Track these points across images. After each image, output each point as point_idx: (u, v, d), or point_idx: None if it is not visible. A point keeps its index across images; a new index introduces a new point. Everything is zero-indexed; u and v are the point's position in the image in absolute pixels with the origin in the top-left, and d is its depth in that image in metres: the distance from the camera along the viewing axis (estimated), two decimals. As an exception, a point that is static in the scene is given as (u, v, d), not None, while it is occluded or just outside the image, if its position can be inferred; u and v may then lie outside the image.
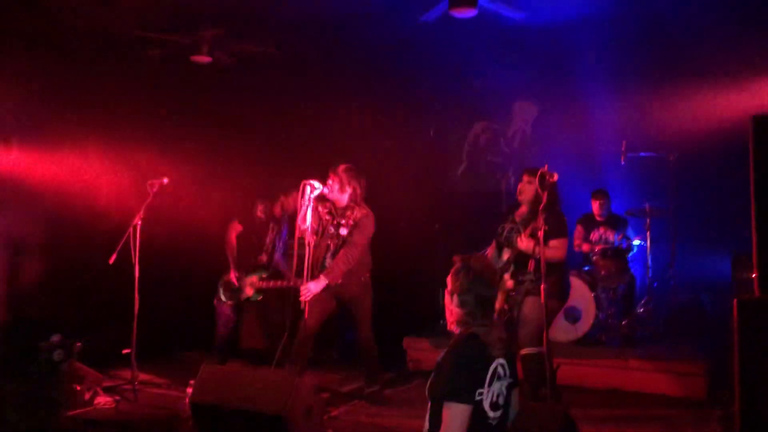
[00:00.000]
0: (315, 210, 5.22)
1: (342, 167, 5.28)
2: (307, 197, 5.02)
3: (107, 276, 5.67)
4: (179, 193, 6.23)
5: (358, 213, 5.32)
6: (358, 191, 5.30)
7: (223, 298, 5.99)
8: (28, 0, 5.88)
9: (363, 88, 8.10)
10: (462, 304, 2.76)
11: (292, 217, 5.91)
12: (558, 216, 4.90)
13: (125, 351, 5.59)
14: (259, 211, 6.11)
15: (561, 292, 4.99)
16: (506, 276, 4.92)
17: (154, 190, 5.55)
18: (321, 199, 5.29)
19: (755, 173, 3.14)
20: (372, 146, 7.99)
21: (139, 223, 5.40)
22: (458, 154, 9.02)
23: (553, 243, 4.78)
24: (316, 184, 5.07)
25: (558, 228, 4.85)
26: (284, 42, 7.05)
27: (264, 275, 5.97)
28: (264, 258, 6.07)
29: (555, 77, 7.77)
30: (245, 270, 5.99)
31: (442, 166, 8.99)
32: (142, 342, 5.51)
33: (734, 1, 6.08)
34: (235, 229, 6.07)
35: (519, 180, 5.04)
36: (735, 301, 3.08)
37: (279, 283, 5.86)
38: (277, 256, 6.14)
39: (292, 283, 5.55)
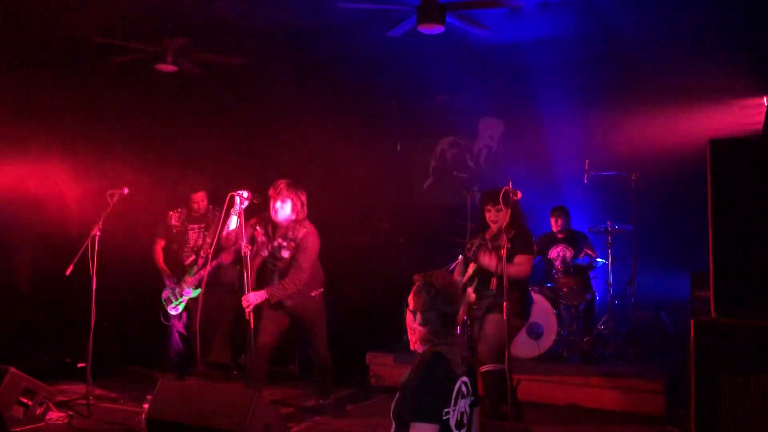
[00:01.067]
0: (248, 226, 5.09)
1: (283, 183, 5.12)
2: (236, 207, 4.92)
3: (63, 287, 5.53)
4: (134, 203, 6.11)
5: (299, 232, 5.17)
6: (300, 206, 5.16)
7: (171, 312, 5.99)
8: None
9: (329, 100, 8.08)
10: (425, 322, 2.74)
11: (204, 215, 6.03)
12: (525, 233, 4.92)
13: (80, 365, 5.42)
14: (174, 219, 6.09)
15: (523, 309, 4.99)
16: (470, 290, 4.92)
17: (114, 200, 5.44)
18: (262, 219, 5.19)
19: (712, 194, 3.19)
20: (337, 159, 7.97)
21: (98, 233, 5.28)
22: (425, 169, 9.05)
23: (518, 259, 4.79)
24: (245, 194, 4.95)
25: (524, 244, 4.86)
26: (251, 52, 7.00)
27: (194, 270, 5.99)
28: (192, 258, 6.04)
29: (519, 95, 7.87)
30: (177, 277, 6.00)
31: (408, 181, 9.00)
32: (97, 356, 5.37)
33: (694, 26, 6.23)
34: (159, 244, 6.10)
35: (483, 210, 5.01)
36: (692, 321, 3.12)
37: (213, 263, 5.76)
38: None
39: (224, 258, 5.73)
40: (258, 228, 5.22)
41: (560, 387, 5.93)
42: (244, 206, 4.95)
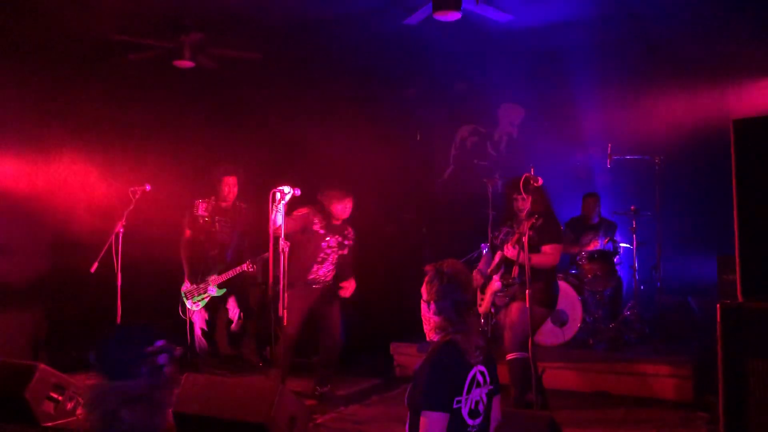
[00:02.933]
0: (301, 219, 5.31)
1: (346, 189, 5.50)
2: (277, 203, 4.99)
3: (88, 284, 5.61)
4: (159, 198, 6.17)
5: (351, 231, 5.62)
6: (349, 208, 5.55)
7: (190, 306, 5.98)
8: (6, 5, 5.81)
9: (347, 92, 8.07)
10: (440, 311, 2.73)
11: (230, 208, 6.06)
12: (554, 221, 4.87)
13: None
14: (201, 209, 6.08)
15: (549, 298, 4.95)
16: (495, 278, 4.89)
17: (137, 196, 5.50)
18: (319, 210, 5.41)
19: (736, 176, 3.14)
20: (358, 150, 7.96)
21: (122, 230, 5.34)
22: (445, 158, 9.00)
23: (546, 249, 4.76)
24: (286, 189, 5.02)
25: (553, 234, 4.82)
26: (267, 46, 7.00)
27: (221, 268, 5.95)
28: (215, 252, 6.04)
29: (540, 80, 7.77)
30: (202, 273, 5.96)
31: (429, 170, 8.96)
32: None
33: (717, 5, 6.09)
34: (186, 235, 6.08)
35: (510, 200, 4.96)
36: (718, 306, 3.07)
37: (237, 269, 5.84)
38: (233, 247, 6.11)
39: (246, 266, 5.69)
40: (315, 220, 5.42)
41: (586, 374, 5.89)
42: (286, 200, 5.01)
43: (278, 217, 5.00)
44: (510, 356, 4.79)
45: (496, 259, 5.00)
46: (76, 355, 6.17)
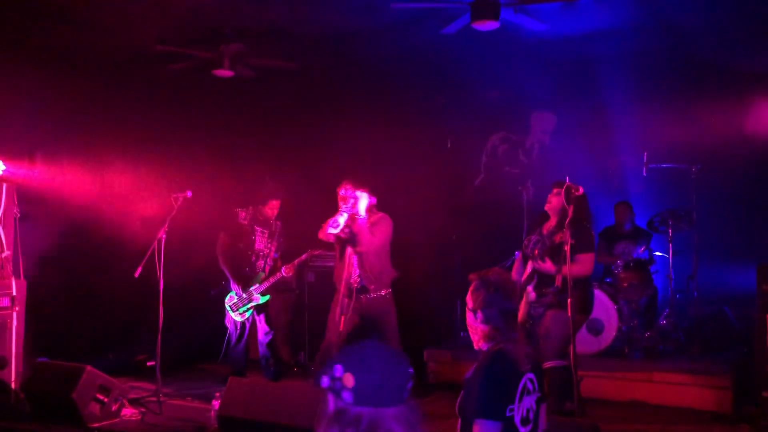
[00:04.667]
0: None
1: (353, 179, 5.27)
2: (349, 206, 5.04)
3: (132, 289, 5.72)
4: (201, 205, 6.28)
5: (372, 218, 5.33)
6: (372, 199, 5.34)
7: (237, 318, 6.01)
8: (52, 16, 5.97)
9: (380, 99, 8.14)
10: (487, 320, 2.76)
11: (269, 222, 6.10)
12: (586, 231, 4.88)
13: (150, 363, 5.61)
14: (241, 218, 6.13)
15: (586, 304, 4.96)
16: (529, 288, 4.90)
17: (179, 203, 5.60)
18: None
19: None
20: (390, 158, 8.01)
21: (164, 236, 5.45)
22: (476, 165, 9.02)
23: (580, 257, 4.76)
24: (362, 194, 5.09)
25: (585, 243, 4.83)
26: (305, 56, 7.10)
27: (263, 277, 6.04)
28: (261, 264, 6.10)
29: (574, 88, 7.76)
30: (245, 283, 6.02)
31: (460, 177, 8.99)
32: (166, 353, 5.54)
33: (757, 15, 6.05)
34: (224, 240, 6.10)
35: (548, 192, 5.01)
36: (766, 316, 3.06)
37: (277, 275, 5.95)
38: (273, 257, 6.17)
39: (285, 271, 5.83)
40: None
41: (622, 383, 5.87)
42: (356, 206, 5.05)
43: (341, 218, 5.01)
44: (549, 364, 4.78)
45: (528, 268, 5.00)
46: (119, 357, 6.28)
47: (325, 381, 1.87)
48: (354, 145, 8.01)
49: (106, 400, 5.06)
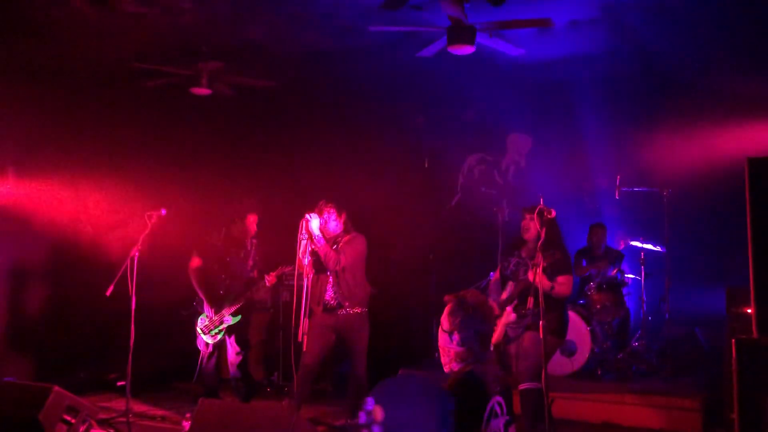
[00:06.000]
0: (308, 245, 5.25)
1: (325, 202, 5.43)
2: (304, 231, 5.08)
3: (101, 307, 5.64)
4: (175, 224, 6.23)
5: (344, 238, 5.45)
6: (346, 219, 5.48)
7: (209, 340, 5.93)
8: (28, 31, 5.93)
9: (358, 119, 8.18)
10: (463, 342, 2.77)
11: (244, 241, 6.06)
12: (563, 252, 4.94)
13: (120, 383, 5.52)
14: (215, 238, 6.08)
15: (561, 328, 5.01)
16: (509, 309, 4.88)
17: (152, 221, 5.53)
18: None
19: (751, 214, 3.19)
20: (367, 178, 8.04)
21: (137, 254, 5.38)
22: (453, 186, 9.08)
23: (560, 279, 4.81)
24: (313, 216, 5.16)
25: (564, 265, 4.89)
26: (283, 75, 7.12)
27: (233, 297, 5.97)
28: (235, 284, 6.03)
29: (550, 111, 7.88)
30: (218, 305, 5.95)
31: (437, 197, 9.04)
32: (137, 372, 5.46)
33: (730, 42, 6.21)
34: (195, 262, 6.03)
35: (521, 218, 5.05)
36: (733, 341, 3.11)
37: (247, 295, 5.92)
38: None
39: (268, 281, 5.82)
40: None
41: (594, 404, 5.89)
42: (311, 228, 5.12)
43: (302, 244, 5.10)
44: (524, 386, 4.81)
45: (509, 289, 5.02)
46: (90, 376, 6.17)
47: (361, 417, 1.79)
48: (331, 165, 8.03)
49: (73, 421, 4.93)
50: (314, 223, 5.19)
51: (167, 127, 7.45)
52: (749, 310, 3.27)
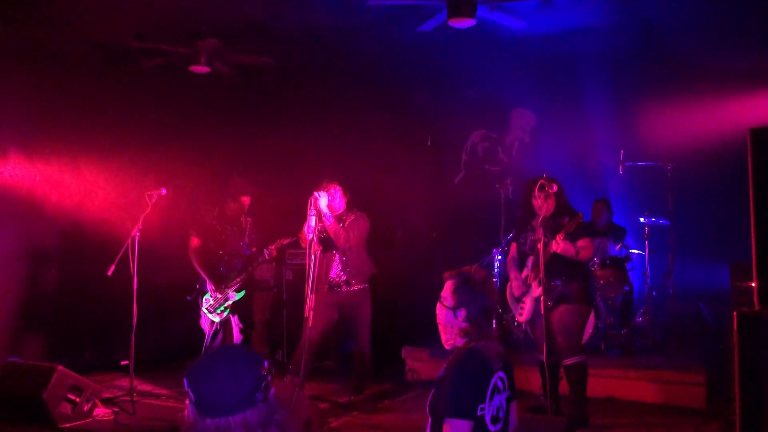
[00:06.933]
0: (317, 222, 5.31)
1: (330, 180, 5.49)
2: (313, 209, 5.13)
3: (105, 287, 5.66)
4: (176, 202, 6.23)
5: (350, 217, 5.58)
6: (350, 198, 5.58)
7: (215, 318, 5.91)
8: (27, 12, 5.89)
9: (359, 97, 8.12)
10: (469, 318, 2.75)
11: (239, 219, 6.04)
12: (579, 218, 4.90)
13: (123, 362, 5.55)
14: (209, 216, 6.05)
15: (588, 294, 5.02)
16: (534, 284, 4.86)
17: (153, 200, 5.53)
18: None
19: (754, 185, 3.15)
20: (370, 155, 8.00)
21: (138, 234, 5.39)
22: (456, 163, 9.03)
23: (580, 243, 4.80)
24: (322, 194, 5.25)
25: (583, 228, 4.88)
26: (282, 52, 7.06)
27: (235, 274, 5.96)
28: (235, 261, 6.02)
29: (553, 86, 7.79)
30: (220, 282, 5.93)
31: (440, 175, 9.00)
32: (141, 352, 5.49)
33: (733, 15, 6.11)
34: (195, 242, 6.00)
35: (530, 195, 4.96)
36: (735, 313, 3.09)
37: (249, 270, 5.92)
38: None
39: (268, 254, 5.80)
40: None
41: (598, 380, 5.86)
42: (320, 205, 5.20)
43: (312, 221, 5.13)
44: (568, 361, 4.82)
45: (529, 265, 4.97)
46: (94, 356, 6.21)
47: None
48: (333, 143, 7.99)
49: (77, 400, 5.00)
50: (323, 201, 5.27)
51: (168, 106, 7.41)
52: (753, 284, 3.23)
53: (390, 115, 8.29)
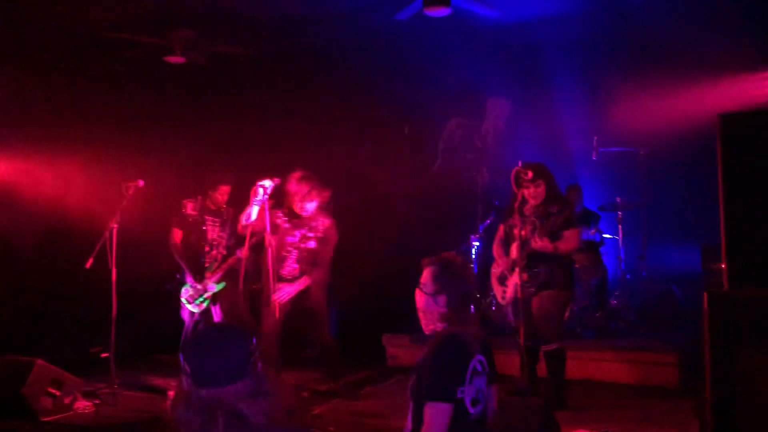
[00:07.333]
0: (266, 212, 5.14)
1: (305, 175, 5.24)
2: (260, 198, 5.01)
3: (85, 280, 5.63)
4: (157, 194, 6.19)
5: (324, 223, 5.36)
6: (324, 199, 5.30)
7: (194, 309, 5.89)
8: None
9: (336, 86, 8.11)
10: (449, 303, 2.80)
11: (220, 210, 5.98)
12: (569, 208, 4.98)
13: (104, 355, 5.54)
14: (190, 209, 6.02)
15: (570, 281, 5.08)
16: (518, 269, 4.91)
17: (130, 192, 5.50)
18: (277, 205, 5.26)
19: (723, 170, 3.22)
20: (347, 144, 8.02)
21: (115, 226, 5.36)
22: (433, 152, 9.08)
23: (566, 234, 4.86)
24: (268, 183, 5.05)
25: (569, 219, 4.93)
26: (258, 42, 7.04)
27: (215, 265, 5.93)
28: (215, 253, 6.00)
29: (528, 74, 7.86)
30: (200, 274, 5.91)
31: (418, 164, 9.04)
32: (121, 345, 5.48)
33: (702, 3, 6.21)
34: (176, 234, 5.98)
35: (522, 185, 4.96)
36: (705, 294, 3.17)
37: (230, 261, 5.85)
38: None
39: (240, 253, 5.57)
40: (280, 214, 5.31)
41: (575, 362, 5.94)
42: (267, 197, 5.04)
43: (253, 211, 5.03)
44: (548, 347, 4.91)
45: (514, 249, 5.00)
46: (75, 350, 6.17)
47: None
48: (311, 133, 7.99)
49: (58, 393, 4.98)
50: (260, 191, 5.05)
51: (143, 97, 7.35)
52: (723, 266, 3.32)
53: (367, 104, 8.29)
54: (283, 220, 5.33)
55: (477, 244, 7.04)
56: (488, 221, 7.06)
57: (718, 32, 6.53)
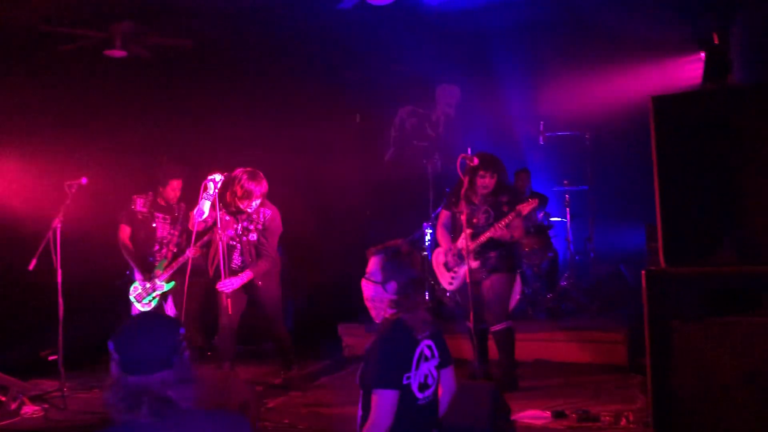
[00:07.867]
0: (217, 207, 5.11)
1: (244, 175, 5.18)
2: (210, 193, 4.98)
3: (29, 281, 5.48)
4: (100, 191, 6.05)
5: (265, 214, 5.32)
6: (262, 193, 5.25)
7: (143, 308, 5.81)
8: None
9: (284, 78, 8.04)
10: (396, 290, 2.82)
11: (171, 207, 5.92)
12: (519, 197, 5.12)
13: (52, 357, 5.41)
14: (139, 205, 5.95)
15: (518, 264, 5.33)
16: (471, 256, 4.96)
17: (73, 190, 5.37)
18: (221, 198, 5.19)
19: (656, 150, 3.30)
20: (299, 135, 7.96)
21: (59, 225, 5.23)
22: (386, 140, 9.09)
23: (516, 222, 4.96)
24: (218, 177, 5.03)
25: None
26: (201, 33, 6.91)
27: (165, 264, 5.86)
28: (164, 251, 5.94)
29: (475, 61, 7.92)
30: (149, 272, 5.84)
31: (371, 152, 9.04)
32: (70, 348, 5.36)
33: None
34: (125, 231, 5.90)
35: (477, 174, 5.00)
36: (643, 272, 3.25)
37: (181, 259, 5.75)
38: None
39: (189, 252, 5.44)
40: (221, 208, 5.25)
41: (527, 344, 6.06)
42: (217, 192, 5.00)
43: (205, 206, 4.99)
44: (495, 327, 5.06)
45: (463, 235, 5.01)
46: (20, 354, 6.01)
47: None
48: (260, 124, 7.91)
49: (3, 399, 4.86)
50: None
51: (85, 93, 7.16)
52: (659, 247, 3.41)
53: (317, 94, 8.24)
54: (222, 213, 5.26)
55: (430, 231, 7.09)
56: (440, 208, 7.10)
57: (651, 17, 6.67)
